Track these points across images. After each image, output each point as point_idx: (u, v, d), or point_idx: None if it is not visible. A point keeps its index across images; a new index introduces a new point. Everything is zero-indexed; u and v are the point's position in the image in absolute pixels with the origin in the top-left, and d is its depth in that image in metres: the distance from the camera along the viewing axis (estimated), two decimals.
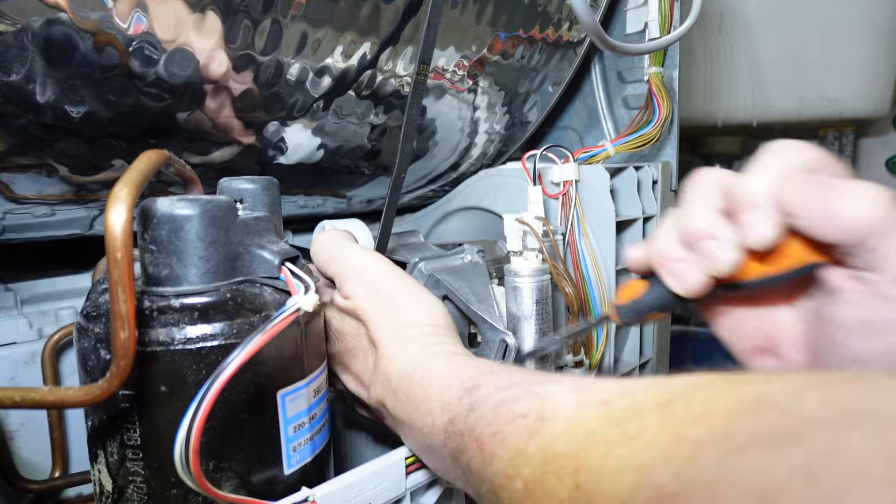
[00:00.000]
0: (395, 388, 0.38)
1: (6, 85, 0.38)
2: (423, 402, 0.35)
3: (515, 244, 0.54)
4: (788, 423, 0.18)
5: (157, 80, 0.43)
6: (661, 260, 0.35)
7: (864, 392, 0.18)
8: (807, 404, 0.18)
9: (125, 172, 0.30)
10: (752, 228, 0.31)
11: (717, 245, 0.32)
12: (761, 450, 0.17)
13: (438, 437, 0.33)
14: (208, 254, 0.34)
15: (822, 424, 0.17)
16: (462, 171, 0.76)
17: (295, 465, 0.37)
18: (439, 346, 0.39)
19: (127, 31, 0.40)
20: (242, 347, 0.29)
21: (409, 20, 0.53)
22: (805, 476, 0.16)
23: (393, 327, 0.40)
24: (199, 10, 0.42)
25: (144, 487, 0.33)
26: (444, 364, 0.37)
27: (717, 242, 0.32)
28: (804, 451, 0.16)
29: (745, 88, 1.38)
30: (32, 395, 0.30)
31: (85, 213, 0.55)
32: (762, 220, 0.31)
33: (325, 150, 0.59)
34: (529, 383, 0.30)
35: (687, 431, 0.20)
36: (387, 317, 0.41)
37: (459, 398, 0.33)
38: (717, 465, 0.18)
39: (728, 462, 0.18)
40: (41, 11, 0.36)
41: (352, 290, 0.43)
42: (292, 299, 0.32)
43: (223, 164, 0.54)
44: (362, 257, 0.44)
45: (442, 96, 0.62)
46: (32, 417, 0.56)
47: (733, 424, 0.19)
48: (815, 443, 0.17)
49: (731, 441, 0.18)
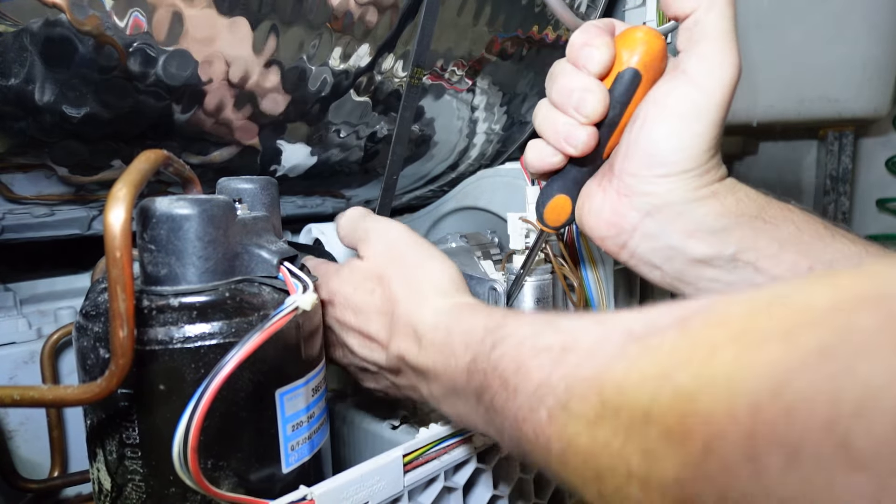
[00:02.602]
0: (419, 336, 0.38)
1: (6, 86, 0.38)
2: (447, 345, 0.36)
3: (518, 243, 0.54)
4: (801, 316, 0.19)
5: (156, 81, 0.43)
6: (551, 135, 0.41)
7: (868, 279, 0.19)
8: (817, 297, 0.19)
9: (124, 172, 0.30)
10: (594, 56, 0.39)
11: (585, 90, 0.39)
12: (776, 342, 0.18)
13: (461, 378, 0.34)
14: (207, 253, 0.34)
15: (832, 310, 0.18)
16: (460, 171, 0.76)
17: (293, 464, 0.37)
18: (458, 297, 0.40)
19: (125, 30, 0.40)
20: (240, 346, 0.30)
21: (407, 23, 0.53)
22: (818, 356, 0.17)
23: (412, 281, 0.41)
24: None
25: (143, 486, 0.33)
26: (465, 310, 0.38)
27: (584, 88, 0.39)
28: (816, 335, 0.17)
29: (745, 88, 1.38)
30: (31, 394, 0.30)
31: (84, 214, 0.55)
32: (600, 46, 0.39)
33: (318, 156, 0.60)
34: (552, 320, 0.31)
35: (704, 337, 0.21)
36: (405, 272, 0.42)
37: (482, 339, 0.34)
38: (733, 360, 0.19)
39: (744, 356, 0.19)
40: (41, 12, 0.36)
41: (372, 250, 0.44)
42: (290, 298, 0.32)
43: (222, 165, 0.54)
44: (382, 222, 0.46)
45: (441, 96, 0.62)
46: (31, 417, 0.56)
47: (749, 325, 0.20)
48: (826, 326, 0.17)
49: (747, 338, 0.19)
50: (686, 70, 0.39)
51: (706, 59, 0.38)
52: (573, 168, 0.43)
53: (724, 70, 0.38)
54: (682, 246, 0.41)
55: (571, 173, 0.44)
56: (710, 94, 0.39)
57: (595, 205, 0.43)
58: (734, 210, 0.40)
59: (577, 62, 0.40)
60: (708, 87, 0.39)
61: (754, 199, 0.41)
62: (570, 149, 0.40)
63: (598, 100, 0.39)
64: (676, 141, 0.39)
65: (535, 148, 0.43)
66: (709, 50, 0.38)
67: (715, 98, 0.39)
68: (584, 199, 0.44)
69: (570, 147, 0.40)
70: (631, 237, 0.42)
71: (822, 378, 0.16)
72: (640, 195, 0.41)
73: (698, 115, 0.39)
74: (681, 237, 0.41)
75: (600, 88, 0.39)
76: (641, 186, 0.41)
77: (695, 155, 0.39)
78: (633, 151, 0.41)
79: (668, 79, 0.40)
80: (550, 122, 0.41)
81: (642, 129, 0.40)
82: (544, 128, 0.42)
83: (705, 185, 0.40)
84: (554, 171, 0.44)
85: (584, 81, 0.39)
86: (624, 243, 0.43)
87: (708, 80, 0.39)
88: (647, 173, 0.40)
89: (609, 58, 0.39)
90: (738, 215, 0.40)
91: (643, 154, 0.40)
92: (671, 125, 0.39)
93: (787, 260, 0.39)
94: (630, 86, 0.40)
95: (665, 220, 0.41)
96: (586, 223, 0.44)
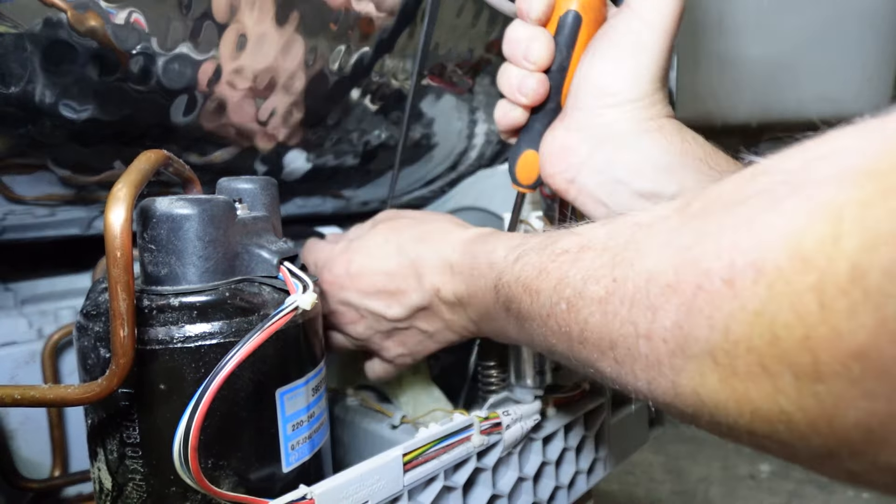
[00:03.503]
0: (451, 265, 0.41)
1: (6, 87, 0.39)
2: (475, 268, 0.38)
3: None
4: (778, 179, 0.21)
5: (157, 84, 0.43)
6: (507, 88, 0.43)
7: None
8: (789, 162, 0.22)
9: (124, 172, 0.30)
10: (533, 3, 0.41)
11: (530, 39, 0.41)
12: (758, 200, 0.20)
13: (490, 296, 0.36)
14: (207, 253, 0.34)
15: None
16: (460, 171, 0.76)
17: (293, 463, 0.37)
18: (474, 229, 0.43)
19: (126, 34, 0.40)
20: (241, 345, 0.30)
21: (405, 27, 0.53)
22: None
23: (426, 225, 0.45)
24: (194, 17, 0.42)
25: (144, 485, 0.33)
26: (487, 236, 0.40)
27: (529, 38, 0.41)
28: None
29: (745, 88, 1.38)
30: (32, 393, 0.30)
31: (85, 214, 0.55)
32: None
33: (318, 158, 0.60)
34: (569, 228, 0.32)
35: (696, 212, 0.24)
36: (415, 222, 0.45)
37: (504, 256, 0.36)
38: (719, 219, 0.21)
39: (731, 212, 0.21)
40: (41, 12, 0.37)
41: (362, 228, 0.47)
42: (290, 298, 0.32)
43: (222, 165, 0.54)
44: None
45: (442, 97, 0.62)
46: (32, 416, 0.56)
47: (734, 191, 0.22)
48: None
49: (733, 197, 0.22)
50: (630, 3, 0.41)
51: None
52: (534, 120, 0.45)
53: (666, 3, 0.40)
54: (628, 180, 0.42)
55: (535, 126, 0.45)
56: (653, 26, 0.40)
57: (546, 143, 0.45)
58: (679, 149, 0.41)
59: (521, 12, 0.42)
60: (650, 19, 0.40)
61: (701, 143, 0.42)
62: (523, 98, 0.43)
63: (543, 45, 0.41)
64: (622, 71, 0.41)
65: (499, 106, 0.45)
66: None
67: (658, 28, 0.40)
68: (542, 144, 0.46)
69: (522, 96, 0.43)
70: (579, 171, 0.43)
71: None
72: (587, 128, 0.42)
73: (643, 46, 0.40)
74: (626, 171, 0.42)
75: (544, 34, 0.41)
76: (588, 119, 0.42)
77: (640, 84, 0.41)
78: (581, 85, 0.42)
79: (613, 14, 0.43)
80: (505, 77, 0.43)
81: (591, 63, 0.42)
82: (501, 83, 0.44)
83: (651, 117, 0.42)
84: (519, 128, 0.46)
85: (528, 31, 0.42)
86: (572, 178, 0.44)
87: (650, 12, 0.40)
88: (594, 103, 0.42)
89: (548, 3, 0.41)
90: (682, 154, 0.41)
91: (590, 86, 0.42)
92: (616, 56, 0.41)
93: None
94: (573, 28, 0.42)
95: (612, 151, 0.42)
96: (543, 165, 0.46)
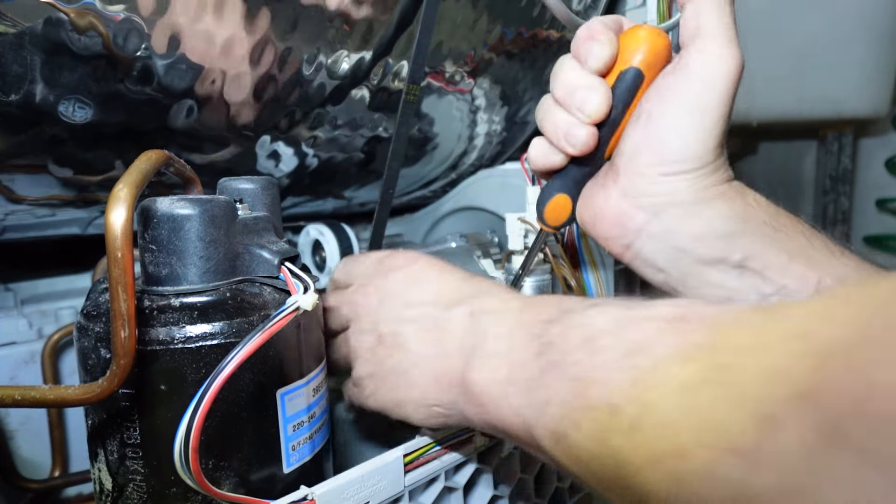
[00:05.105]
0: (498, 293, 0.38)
1: (6, 88, 0.39)
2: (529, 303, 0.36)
3: (517, 243, 0.54)
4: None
5: (158, 85, 0.43)
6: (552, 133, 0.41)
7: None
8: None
9: (125, 172, 0.30)
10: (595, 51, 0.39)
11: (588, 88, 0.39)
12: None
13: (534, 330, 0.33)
14: (208, 253, 0.34)
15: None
16: (461, 171, 0.76)
17: (294, 464, 0.37)
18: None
19: (127, 36, 0.40)
20: (242, 346, 0.30)
21: (405, 30, 0.53)
22: None
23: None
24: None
25: (144, 486, 0.33)
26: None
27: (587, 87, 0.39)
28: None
29: (745, 88, 1.37)
30: (32, 394, 0.30)
31: (86, 214, 0.55)
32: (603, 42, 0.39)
33: (318, 159, 0.60)
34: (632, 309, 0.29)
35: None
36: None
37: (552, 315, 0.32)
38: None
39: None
40: (42, 12, 0.36)
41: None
42: (291, 298, 0.32)
43: (223, 165, 0.54)
44: None
45: (443, 97, 0.62)
46: (32, 417, 0.56)
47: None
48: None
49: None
50: (688, 64, 0.39)
51: (707, 52, 0.38)
52: (574, 167, 0.43)
53: (725, 63, 0.38)
54: (689, 248, 0.40)
55: (572, 172, 0.43)
56: (714, 88, 0.38)
57: (598, 205, 0.42)
58: (742, 214, 0.39)
59: (580, 56, 0.40)
60: (711, 81, 0.38)
61: (763, 205, 0.40)
62: (570, 148, 0.40)
63: (602, 100, 0.38)
64: (683, 138, 0.39)
65: (538, 146, 0.43)
66: (709, 44, 0.38)
67: (718, 91, 0.38)
68: (587, 199, 0.44)
69: (569, 146, 0.40)
70: (636, 238, 0.41)
71: None
72: (645, 195, 0.40)
73: (703, 110, 0.38)
74: (687, 240, 0.40)
75: (604, 87, 0.39)
76: (647, 186, 0.40)
77: (702, 152, 0.39)
78: (639, 150, 0.40)
79: (670, 74, 0.40)
80: (551, 120, 0.41)
81: (647, 126, 0.39)
82: (546, 125, 0.41)
83: (712, 185, 0.40)
84: (555, 170, 0.44)
85: (587, 79, 0.39)
86: (629, 244, 0.42)
87: (710, 74, 0.38)
88: (652, 172, 0.39)
89: (611, 54, 0.39)
90: (745, 220, 0.39)
91: (649, 153, 0.39)
92: (677, 121, 0.39)
93: (795, 271, 0.38)
94: (632, 85, 0.40)
95: (671, 221, 0.40)
96: (589, 224, 0.44)
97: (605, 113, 0.39)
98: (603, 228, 0.43)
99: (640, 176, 0.40)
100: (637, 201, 0.41)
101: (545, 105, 0.41)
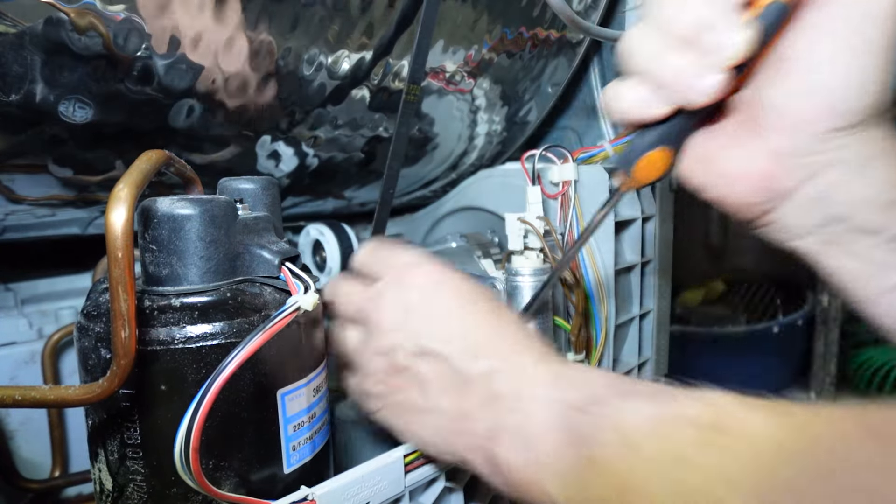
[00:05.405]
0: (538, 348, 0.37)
1: (6, 88, 0.39)
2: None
3: (516, 243, 0.54)
4: None
5: (159, 85, 0.43)
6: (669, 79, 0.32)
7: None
8: None
9: (126, 172, 0.30)
10: None
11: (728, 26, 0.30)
12: None
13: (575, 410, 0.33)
14: (208, 253, 0.34)
15: None
16: (461, 171, 0.76)
17: (294, 464, 0.37)
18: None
19: (127, 36, 0.40)
20: (242, 346, 0.30)
21: (405, 30, 0.53)
22: None
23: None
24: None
25: (144, 486, 0.33)
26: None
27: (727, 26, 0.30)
28: None
29: None
30: (33, 394, 0.30)
31: (86, 214, 0.55)
32: None
33: (318, 159, 0.60)
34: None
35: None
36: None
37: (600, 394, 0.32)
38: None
39: None
40: (42, 12, 0.36)
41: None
42: (292, 299, 0.32)
43: (223, 165, 0.54)
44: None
45: (443, 97, 0.62)
46: (32, 417, 0.56)
47: None
48: None
49: None
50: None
51: None
52: (681, 117, 0.35)
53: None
54: (845, 216, 0.34)
55: (679, 123, 0.35)
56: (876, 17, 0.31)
57: (734, 166, 0.36)
58: None
59: None
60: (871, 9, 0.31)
61: None
62: (697, 97, 0.32)
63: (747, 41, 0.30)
64: (854, 85, 0.32)
65: (634, 93, 0.34)
66: None
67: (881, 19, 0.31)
68: (709, 156, 0.37)
69: (696, 95, 0.32)
70: (783, 202, 0.35)
71: None
72: (802, 154, 0.34)
73: (868, 47, 0.31)
74: (846, 206, 0.34)
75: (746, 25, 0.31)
76: (812, 144, 0.33)
77: (870, 99, 0.32)
78: (795, 101, 0.33)
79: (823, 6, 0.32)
80: (666, 62, 0.32)
81: (805, 72, 0.32)
82: (654, 68, 0.32)
83: (880, 138, 0.33)
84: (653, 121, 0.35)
85: (726, 16, 0.31)
86: (771, 209, 0.36)
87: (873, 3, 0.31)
88: (813, 128, 0.33)
89: None
90: None
91: (813, 104, 0.33)
92: (841, 65, 0.32)
93: None
94: (776, 22, 0.32)
95: (829, 184, 0.34)
96: (711, 185, 0.37)
97: (747, 56, 0.31)
98: (741, 192, 0.36)
99: (802, 132, 0.33)
100: (794, 161, 0.34)
101: (649, 44, 0.33)
